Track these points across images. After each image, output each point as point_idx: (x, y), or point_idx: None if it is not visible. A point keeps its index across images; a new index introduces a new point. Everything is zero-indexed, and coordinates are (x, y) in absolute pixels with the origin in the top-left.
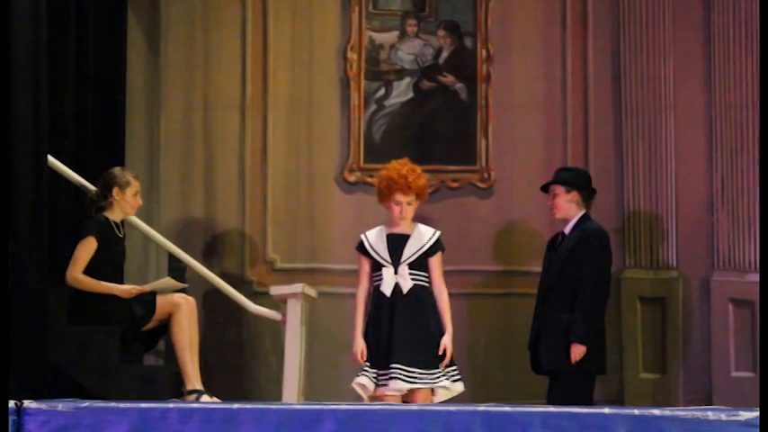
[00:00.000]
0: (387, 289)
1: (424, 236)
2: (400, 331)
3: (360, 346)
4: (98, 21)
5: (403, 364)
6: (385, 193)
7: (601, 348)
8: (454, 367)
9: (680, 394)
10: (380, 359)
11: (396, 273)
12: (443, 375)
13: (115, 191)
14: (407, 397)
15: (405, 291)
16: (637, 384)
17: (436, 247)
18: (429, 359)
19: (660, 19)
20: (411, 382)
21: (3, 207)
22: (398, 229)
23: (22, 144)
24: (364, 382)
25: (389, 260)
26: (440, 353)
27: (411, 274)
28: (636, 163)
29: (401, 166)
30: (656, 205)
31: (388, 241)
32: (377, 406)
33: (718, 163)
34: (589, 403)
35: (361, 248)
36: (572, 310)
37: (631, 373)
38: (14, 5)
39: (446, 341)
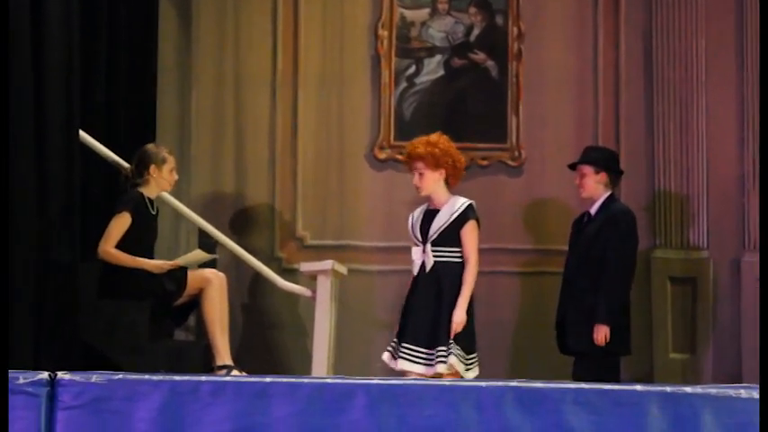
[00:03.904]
0: (415, 268)
1: (452, 208)
2: (414, 311)
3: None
4: None
5: (409, 344)
6: (408, 166)
7: (625, 329)
8: (473, 355)
9: (709, 374)
10: (405, 335)
11: (423, 251)
12: (451, 354)
13: (152, 168)
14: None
15: (427, 269)
16: (666, 364)
17: (463, 218)
18: (435, 339)
19: None
20: (415, 362)
21: (36, 182)
22: (434, 204)
23: (53, 119)
24: (384, 357)
25: (420, 238)
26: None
27: (435, 250)
28: (667, 142)
29: (422, 137)
30: (687, 185)
31: (423, 218)
32: (409, 381)
33: (749, 142)
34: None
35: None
36: (597, 291)
37: (661, 352)
38: None
39: (454, 316)
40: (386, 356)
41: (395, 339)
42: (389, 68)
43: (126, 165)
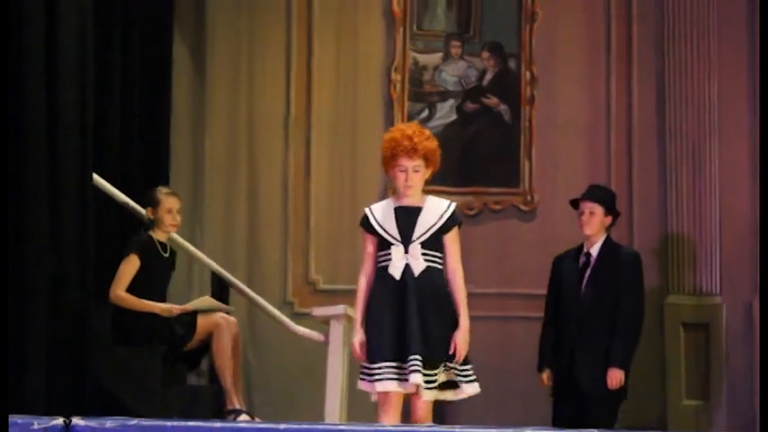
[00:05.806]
0: (396, 271)
1: (438, 209)
2: (414, 321)
3: (359, 338)
4: (144, 40)
5: (420, 355)
6: (389, 158)
7: (629, 372)
8: (468, 366)
9: (723, 421)
10: (388, 352)
11: (406, 252)
12: (459, 373)
13: (148, 211)
14: (409, 396)
15: (417, 273)
16: (680, 410)
17: (452, 222)
18: (441, 354)
19: (705, 41)
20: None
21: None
22: (408, 202)
23: (68, 163)
24: (364, 387)
25: (399, 238)
26: (450, 351)
27: (424, 254)
28: (679, 186)
29: (407, 127)
30: (700, 229)
31: (396, 216)
32: (423, 428)
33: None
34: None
35: (366, 225)
36: (610, 334)
37: (674, 399)
38: (61, 26)
39: (458, 338)
40: (364, 386)
41: (370, 362)
42: (402, 112)
43: (141, 210)
